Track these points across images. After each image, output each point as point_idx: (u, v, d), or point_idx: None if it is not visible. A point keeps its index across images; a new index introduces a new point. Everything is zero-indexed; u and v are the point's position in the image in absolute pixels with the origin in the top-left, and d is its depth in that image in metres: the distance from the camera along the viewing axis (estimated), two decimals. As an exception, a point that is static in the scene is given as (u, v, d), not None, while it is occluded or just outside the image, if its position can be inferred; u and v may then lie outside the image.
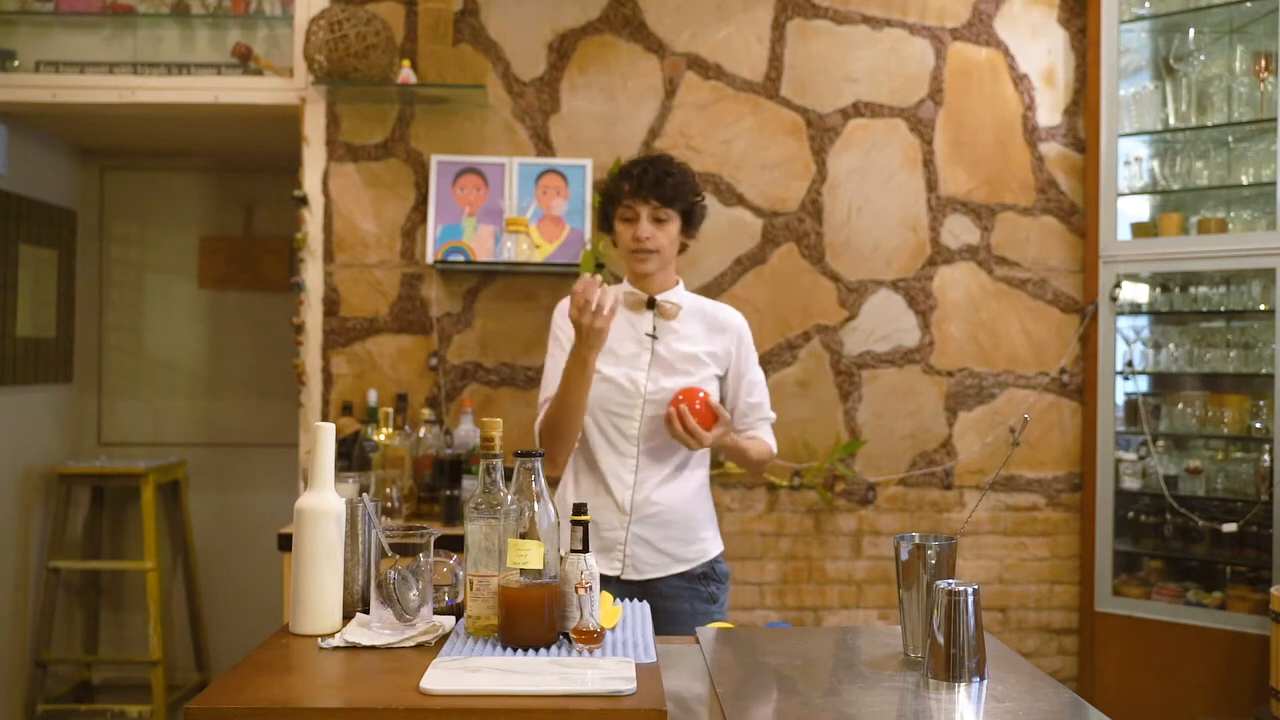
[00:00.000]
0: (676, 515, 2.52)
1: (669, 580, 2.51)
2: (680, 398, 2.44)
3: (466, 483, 3.35)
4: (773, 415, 2.69)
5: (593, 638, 1.66)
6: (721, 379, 2.58)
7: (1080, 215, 3.80)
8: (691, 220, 2.57)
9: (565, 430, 2.47)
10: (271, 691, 1.49)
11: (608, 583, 2.47)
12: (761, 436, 2.65)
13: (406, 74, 3.59)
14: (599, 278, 2.36)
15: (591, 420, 2.52)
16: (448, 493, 3.33)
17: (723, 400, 2.59)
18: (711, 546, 2.59)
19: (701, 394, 2.45)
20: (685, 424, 2.41)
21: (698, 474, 2.59)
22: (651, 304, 2.56)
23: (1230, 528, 3.45)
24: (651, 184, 2.48)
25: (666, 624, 2.40)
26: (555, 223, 3.66)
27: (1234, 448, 3.63)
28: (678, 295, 2.59)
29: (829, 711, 1.55)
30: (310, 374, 3.71)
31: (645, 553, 2.50)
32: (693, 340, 2.55)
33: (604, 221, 2.62)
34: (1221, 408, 3.58)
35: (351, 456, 3.39)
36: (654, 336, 2.54)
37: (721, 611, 2.58)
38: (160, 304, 5.00)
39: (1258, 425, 3.49)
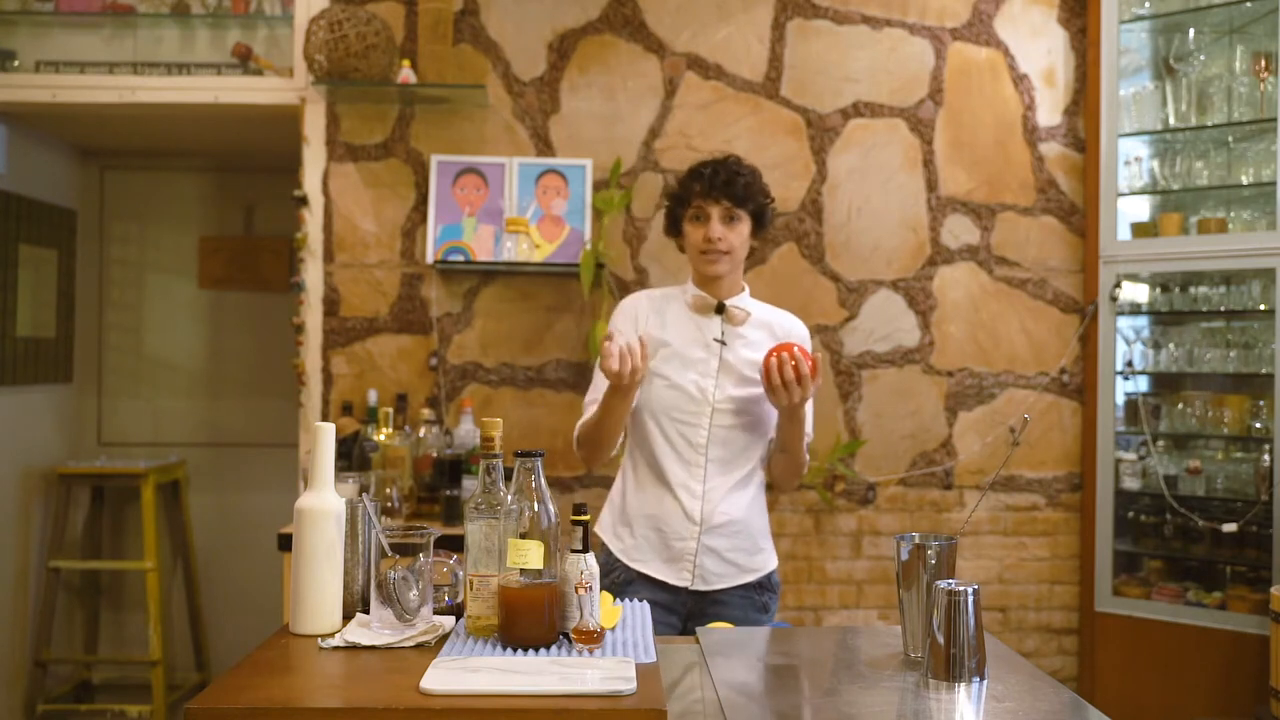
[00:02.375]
0: (742, 526, 2.49)
1: (730, 589, 2.49)
2: (776, 349, 2.35)
3: (466, 483, 3.35)
4: (811, 434, 2.58)
5: (593, 638, 1.66)
6: None
7: (1080, 215, 3.81)
8: (762, 222, 2.53)
9: (603, 444, 2.45)
10: (271, 691, 1.49)
11: (674, 593, 2.46)
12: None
13: (406, 74, 3.59)
14: (625, 340, 2.29)
15: (656, 427, 2.48)
16: (448, 493, 3.33)
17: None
18: (771, 558, 2.57)
19: (796, 346, 2.37)
20: (799, 370, 2.31)
21: (757, 483, 2.56)
22: (720, 309, 2.51)
23: (1230, 528, 3.45)
24: (723, 184, 2.45)
25: None
26: (555, 223, 3.66)
27: (1234, 448, 3.63)
28: (745, 301, 2.55)
29: (829, 711, 1.55)
30: (310, 374, 3.71)
31: (713, 563, 2.47)
32: (759, 347, 2.49)
33: (671, 225, 2.57)
34: (1221, 408, 3.58)
35: (351, 456, 3.39)
36: (723, 343, 2.49)
37: (771, 621, 2.55)
38: (160, 304, 5.00)
39: (1258, 425, 3.49)
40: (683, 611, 2.49)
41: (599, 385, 2.47)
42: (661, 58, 3.76)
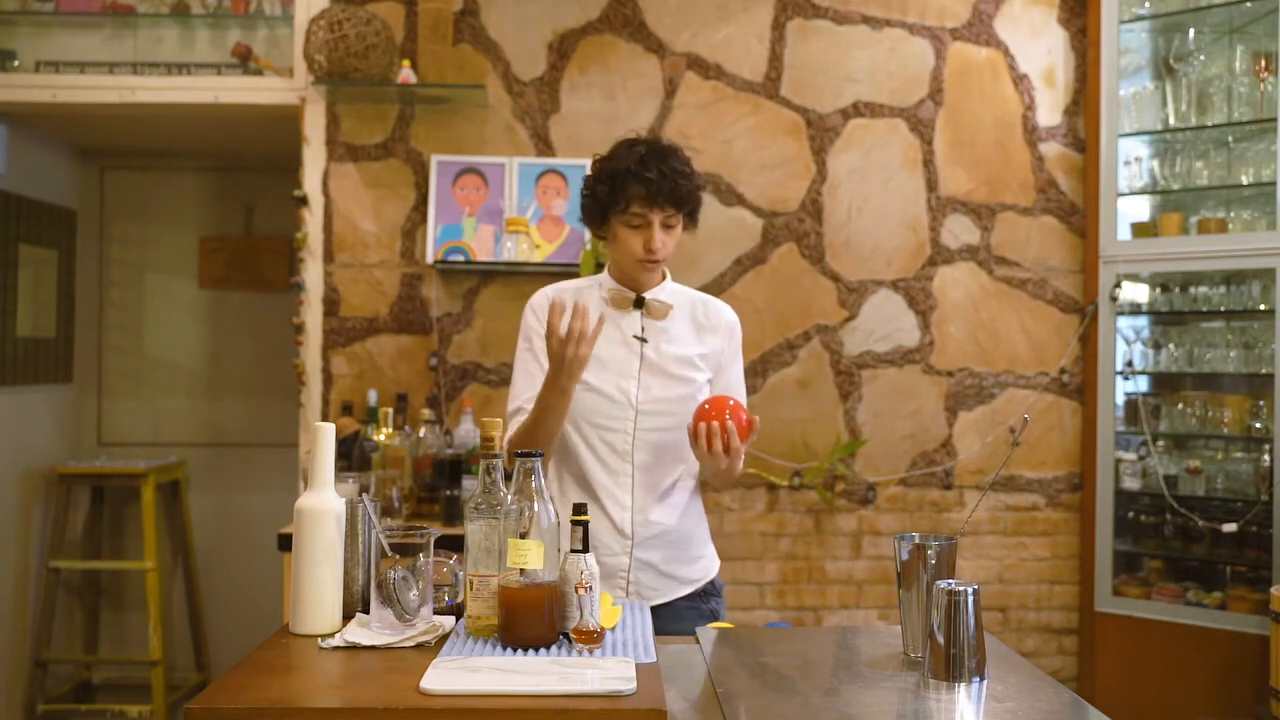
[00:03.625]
0: (678, 535, 2.33)
1: (673, 602, 2.35)
2: (709, 409, 2.17)
3: (466, 483, 3.35)
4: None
5: (593, 638, 1.66)
6: (710, 382, 2.37)
7: (1080, 215, 3.81)
8: (694, 216, 2.32)
9: (540, 446, 2.23)
10: (271, 691, 1.49)
11: None
12: None
13: (406, 74, 3.59)
14: (582, 305, 2.12)
15: (578, 436, 2.29)
16: (448, 493, 3.33)
17: None
18: (712, 564, 2.42)
19: (732, 402, 2.19)
20: (730, 444, 2.13)
21: (690, 485, 2.39)
22: (640, 303, 2.32)
23: (1230, 528, 3.45)
24: (669, 191, 2.22)
25: None
26: (555, 223, 3.66)
27: (1234, 448, 3.63)
28: (668, 292, 2.36)
29: (829, 711, 1.55)
30: (310, 374, 3.71)
31: (650, 577, 2.31)
32: (683, 341, 2.33)
33: (596, 215, 2.32)
34: (1221, 408, 3.58)
35: (351, 456, 3.39)
36: (643, 340, 2.30)
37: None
38: (160, 304, 5.00)
39: (1258, 425, 3.49)
40: None
41: (521, 391, 2.31)
42: (661, 58, 3.76)
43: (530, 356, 2.32)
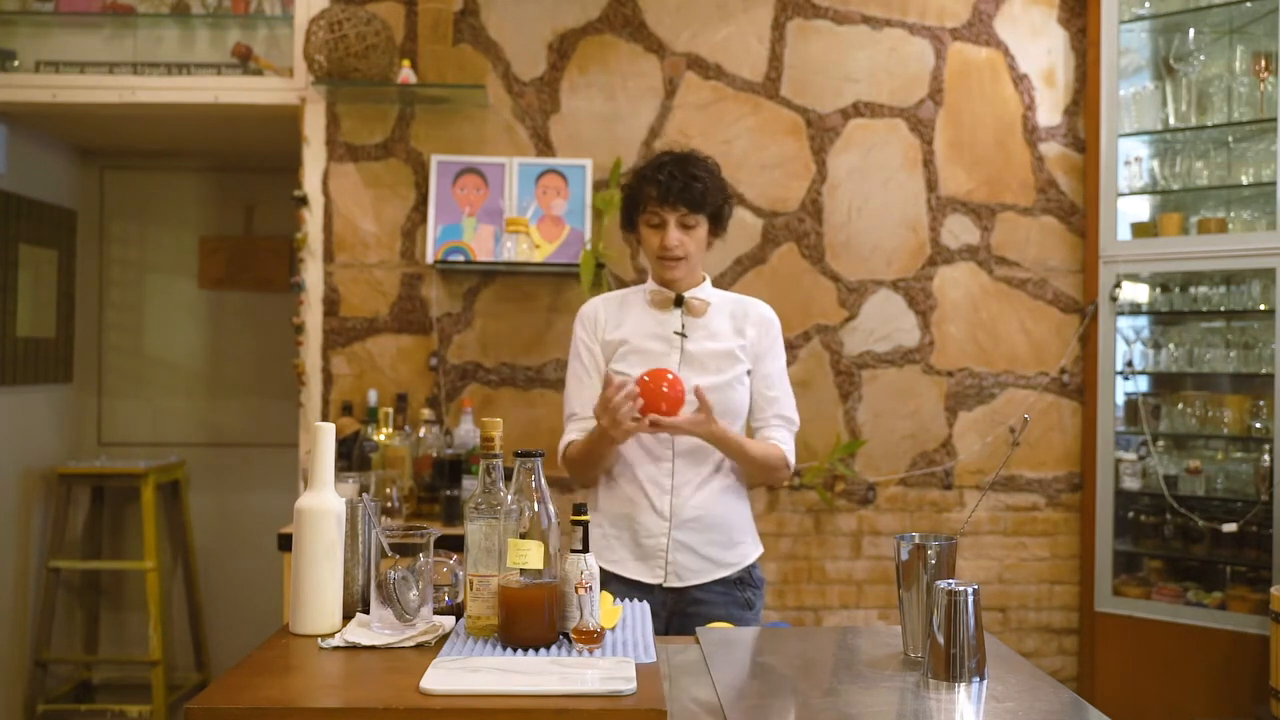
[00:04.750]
0: (717, 519, 2.46)
1: (708, 586, 2.46)
2: (647, 379, 2.34)
3: (466, 483, 3.35)
4: (794, 419, 2.59)
5: (593, 638, 1.66)
6: (750, 373, 2.52)
7: (1080, 215, 3.81)
8: (720, 221, 2.52)
9: (592, 472, 2.50)
10: (271, 691, 1.49)
11: (648, 591, 2.42)
12: (772, 437, 2.54)
13: (406, 74, 3.59)
14: (630, 388, 2.30)
15: None
16: (448, 493, 3.33)
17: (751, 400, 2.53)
18: (751, 550, 2.53)
19: (670, 375, 2.36)
20: (662, 422, 2.32)
21: (734, 473, 2.52)
22: (679, 302, 2.51)
23: (1230, 528, 3.45)
24: (680, 191, 2.42)
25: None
26: (555, 223, 3.66)
27: (1234, 448, 3.63)
28: (706, 292, 2.54)
29: (829, 711, 1.55)
30: (310, 374, 3.71)
31: (687, 559, 2.44)
32: (723, 336, 2.50)
33: (626, 221, 2.55)
34: (1221, 408, 3.58)
35: (351, 456, 3.39)
36: (683, 335, 2.49)
37: (756, 617, 2.51)
38: (160, 304, 5.00)
39: (1258, 425, 3.49)
40: (663, 613, 2.45)
41: (573, 396, 2.54)
42: (661, 58, 3.76)
43: (579, 364, 2.56)
